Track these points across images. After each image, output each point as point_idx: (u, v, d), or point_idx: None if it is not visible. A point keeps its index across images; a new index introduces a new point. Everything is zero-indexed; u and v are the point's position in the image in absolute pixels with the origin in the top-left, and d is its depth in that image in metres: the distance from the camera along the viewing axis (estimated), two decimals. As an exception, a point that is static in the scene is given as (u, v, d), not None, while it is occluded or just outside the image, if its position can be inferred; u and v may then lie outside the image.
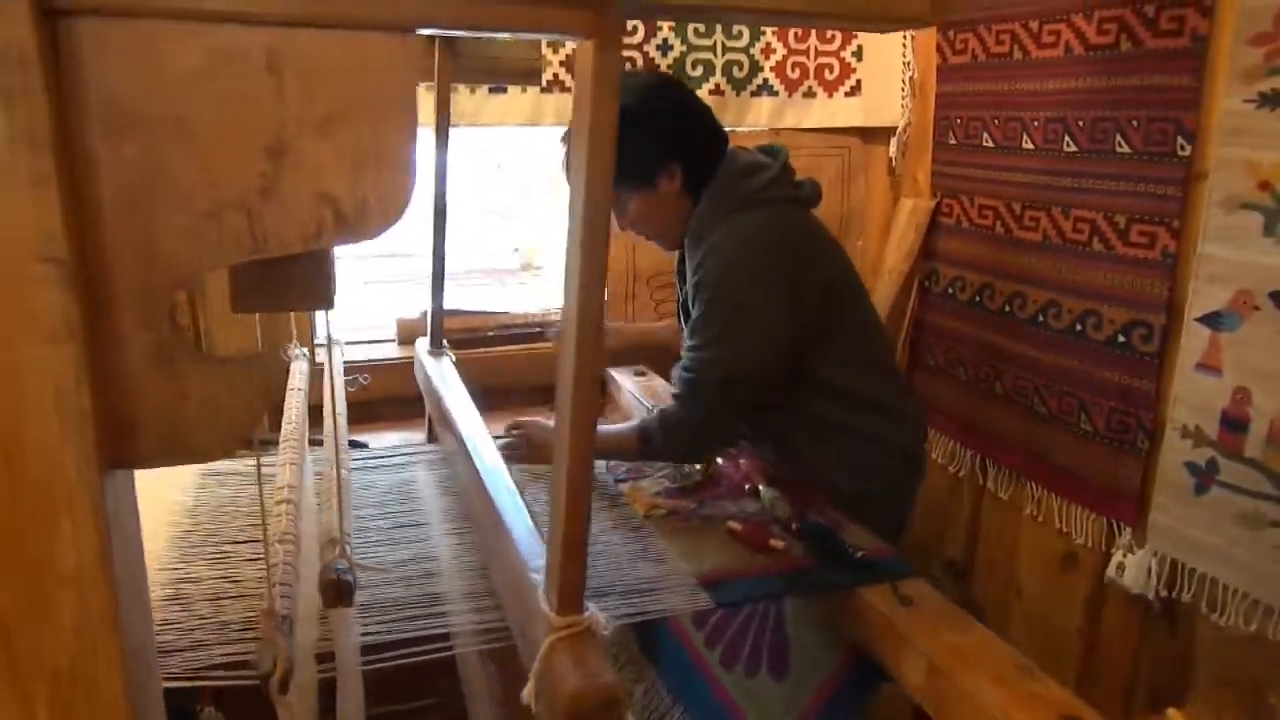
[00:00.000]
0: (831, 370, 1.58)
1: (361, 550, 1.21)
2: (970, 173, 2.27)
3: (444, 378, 1.68)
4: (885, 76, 2.39)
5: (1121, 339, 1.87)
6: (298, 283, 0.73)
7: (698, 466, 1.58)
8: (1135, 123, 1.80)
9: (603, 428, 1.65)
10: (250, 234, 0.59)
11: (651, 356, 2.22)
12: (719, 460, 1.59)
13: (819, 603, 1.28)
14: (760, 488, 1.46)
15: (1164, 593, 1.79)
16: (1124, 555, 1.89)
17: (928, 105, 2.39)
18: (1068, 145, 1.96)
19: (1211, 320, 1.66)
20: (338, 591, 0.80)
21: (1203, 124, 1.68)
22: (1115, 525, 1.93)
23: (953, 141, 2.32)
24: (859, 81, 2.37)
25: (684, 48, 2.21)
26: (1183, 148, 1.71)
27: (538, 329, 2.42)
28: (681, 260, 1.69)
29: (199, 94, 0.56)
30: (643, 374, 2.17)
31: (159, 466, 0.61)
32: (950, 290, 2.36)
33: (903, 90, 2.40)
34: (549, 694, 0.80)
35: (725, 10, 0.63)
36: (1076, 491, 2.01)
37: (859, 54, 2.35)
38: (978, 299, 2.26)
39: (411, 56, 0.61)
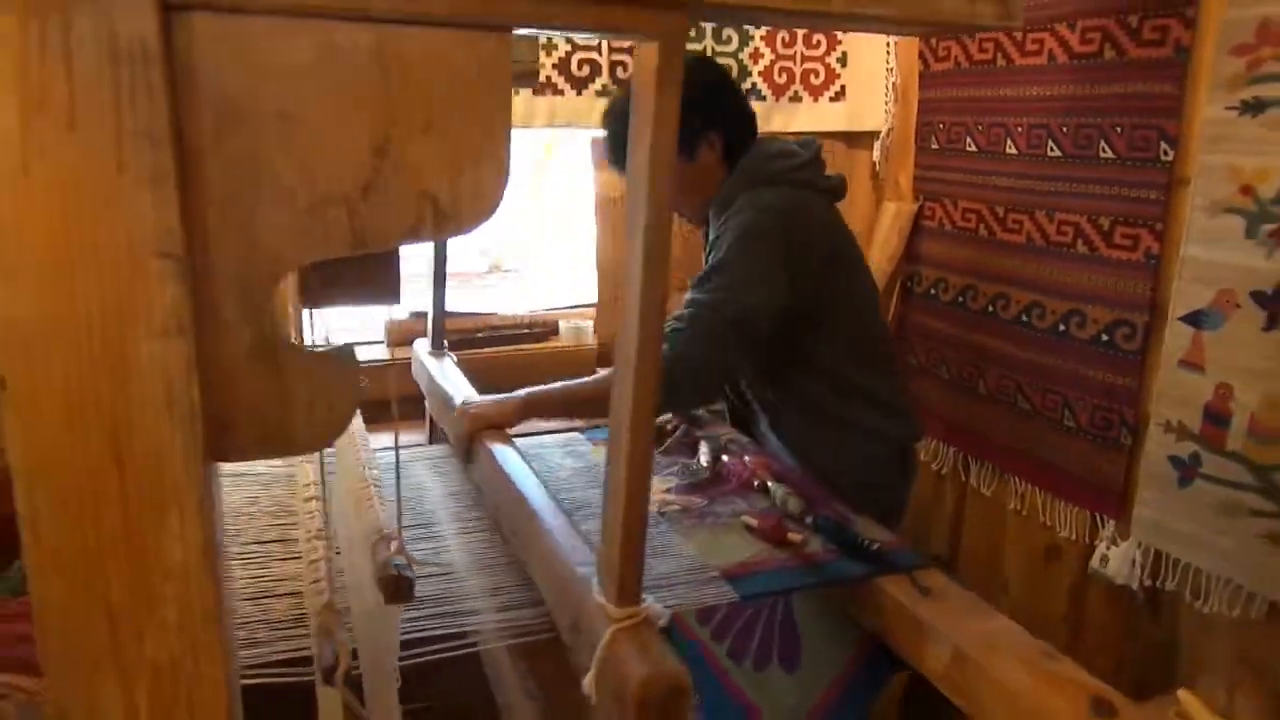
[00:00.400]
0: (831, 357, 1.64)
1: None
2: (953, 177, 2.32)
3: (448, 377, 1.68)
4: (869, 82, 2.44)
5: (1105, 338, 1.93)
6: (367, 279, 0.74)
7: (704, 464, 1.60)
8: (1119, 129, 1.86)
9: (598, 376, 1.69)
10: (350, 230, 0.60)
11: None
12: (725, 459, 1.61)
13: (834, 595, 1.30)
14: (769, 483, 1.48)
15: (1148, 582, 1.85)
16: (1108, 547, 1.95)
17: (910, 110, 2.44)
18: (1051, 150, 2.01)
19: (1194, 319, 1.72)
20: (398, 587, 0.80)
21: (1185, 131, 1.75)
22: (1098, 518, 1.98)
23: (935, 146, 2.38)
24: (843, 87, 2.41)
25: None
26: (1166, 153, 1.77)
27: (525, 330, 2.42)
28: (706, 235, 1.75)
29: (306, 90, 0.57)
30: None
31: (255, 459, 0.61)
32: (933, 291, 2.41)
33: (886, 96, 2.45)
34: (615, 684, 0.81)
35: (794, 14, 0.65)
36: (1060, 486, 2.07)
37: (844, 60, 2.40)
38: (960, 300, 2.31)
39: (508, 55, 0.62)
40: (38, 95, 0.49)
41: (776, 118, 2.36)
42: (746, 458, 1.61)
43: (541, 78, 2.10)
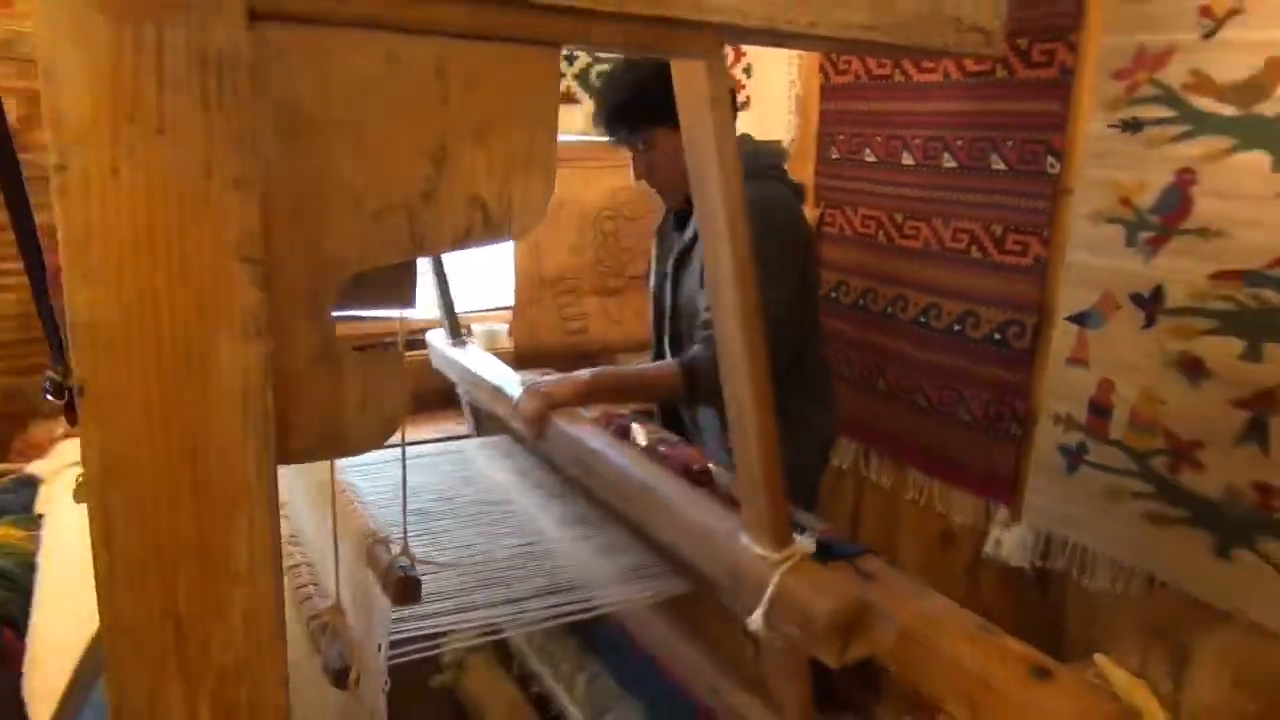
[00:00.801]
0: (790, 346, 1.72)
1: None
2: (853, 185, 2.44)
3: (489, 365, 1.66)
4: (773, 94, 2.53)
5: (997, 336, 2.07)
6: (387, 285, 0.76)
7: (642, 443, 1.64)
8: (1009, 143, 2.01)
9: (639, 366, 1.79)
10: (409, 235, 0.61)
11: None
12: (661, 449, 1.66)
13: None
14: (712, 467, 1.54)
15: (1039, 563, 2.00)
16: (1000, 531, 2.09)
17: (811, 121, 2.55)
18: (947, 161, 2.15)
19: (1079, 319, 1.88)
20: (406, 589, 0.81)
21: (1069, 146, 1.90)
22: (991, 505, 2.13)
23: (836, 156, 2.49)
24: (748, 97, 2.50)
25: (589, 58, 2.27)
26: (1052, 166, 1.93)
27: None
28: (678, 216, 1.83)
29: (372, 100, 0.58)
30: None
31: (314, 460, 0.62)
32: (834, 294, 2.53)
33: (789, 107, 2.55)
34: (802, 617, 0.91)
35: (813, 38, 0.70)
36: (955, 476, 2.21)
37: (749, 71, 2.48)
38: (861, 302, 2.44)
39: (556, 71, 0.65)
40: (129, 99, 0.49)
41: (686, 125, 2.43)
42: (678, 449, 1.66)
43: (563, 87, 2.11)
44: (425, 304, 2.65)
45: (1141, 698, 1.10)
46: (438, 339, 1.88)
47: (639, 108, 1.62)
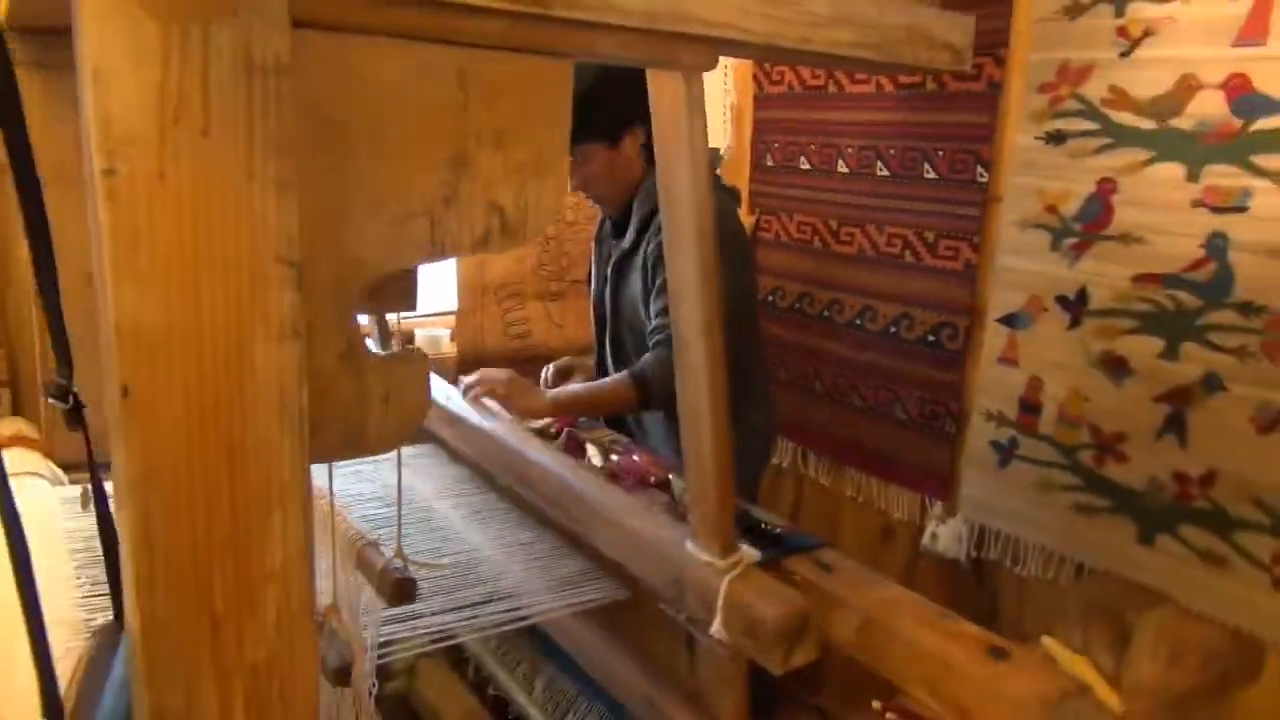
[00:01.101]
0: (733, 347, 1.77)
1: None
2: (788, 192, 2.51)
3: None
4: (707, 102, 2.58)
5: (931, 338, 2.16)
6: (390, 288, 0.77)
7: (597, 464, 1.67)
8: (940, 152, 2.09)
9: (593, 384, 1.82)
10: (431, 239, 0.63)
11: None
12: (614, 458, 1.68)
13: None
14: (671, 477, 1.57)
15: (973, 554, 2.09)
16: (936, 525, 2.18)
17: (746, 130, 2.61)
18: (880, 170, 2.23)
19: (1009, 321, 1.97)
20: (401, 590, 0.82)
21: (997, 156, 2.00)
22: (927, 500, 2.22)
23: (770, 164, 2.56)
24: (686, 105, 2.55)
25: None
26: (981, 175, 2.02)
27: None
28: (615, 224, 1.86)
29: (397, 106, 0.60)
30: None
31: (337, 460, 0.63)
32: (770, 299, 2.59)
33: (724, 115, 2.61)
34: (747, 623, 0.95)
35: (804, 53, 0.74)
36: (892, 473, 2.29)
37: (687, 79, 2.53)
38: (797, 306, 2.50)
39: (569, 79, 0.67)
40: (175, 102, 0.50)
41: (625, 132, 2.46)
42: (635, 456, 1.69)
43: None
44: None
45: (1086, 675, 1.17)
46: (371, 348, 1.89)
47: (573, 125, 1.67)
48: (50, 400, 0.64)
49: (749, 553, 1.07)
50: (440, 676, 1.75)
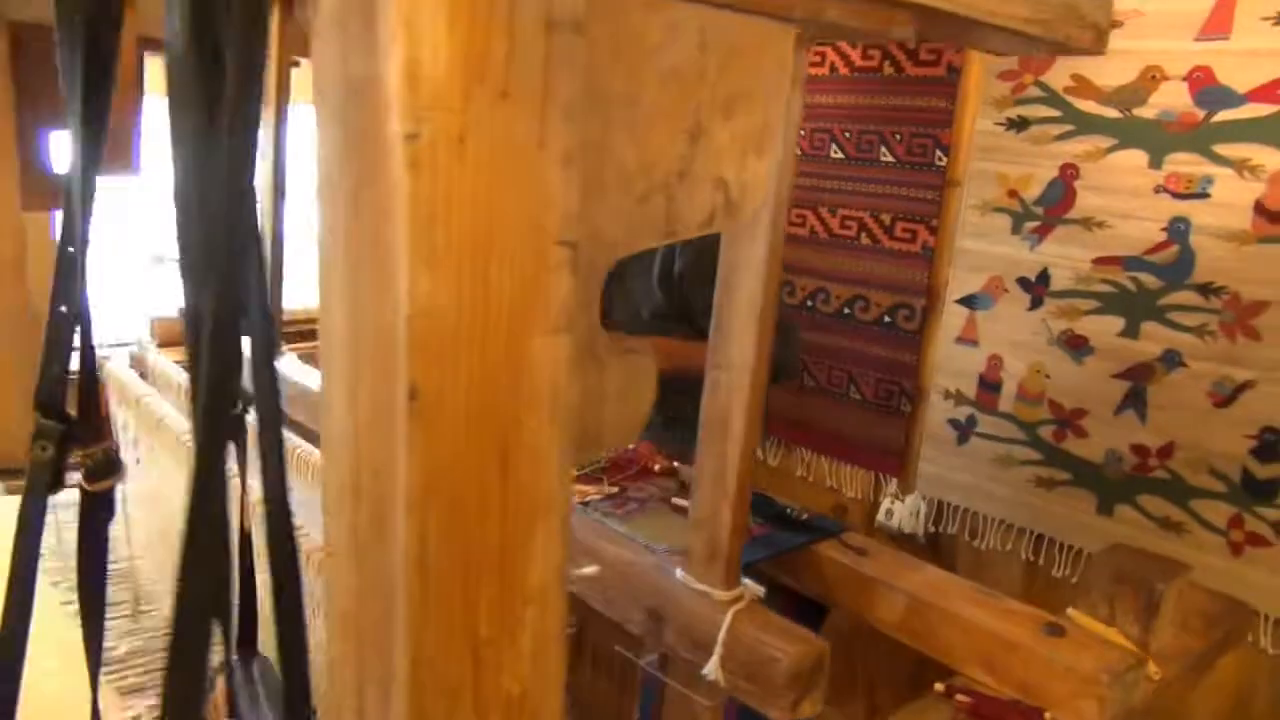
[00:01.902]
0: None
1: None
2: (735, 173, 2.50)
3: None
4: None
5: (887, 319, 2.20)
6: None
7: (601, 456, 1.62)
8: (898, 136, 2.13)
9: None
10: (665, 217, 0.58)
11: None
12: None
13: (773, 565, 1.39)
14: (675, 465, 1.53)
15: (931, 529, 2.15)
16: (891, 502, 2.23)
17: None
18: (834, 153, 2.25)
19: (969, 301, 2.03)
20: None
21: (956, 140, 2.04)
22: (881, 478, 2.26)
23: (715, 144, 2.54)
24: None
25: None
26: (940, 159, 2.06)
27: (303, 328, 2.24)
28: None
29: (648, 72, 0.54)
30: None
31: (575, 462, 0.57)
32: (715, 280, 2.58)
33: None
34: (753, 664, 0.83)
35: (986, 26, 0.72)
36: (845, 452, 2.33)
37: (632, 56, 2.48)
38: (744, 287, 2.50)
39: (791, 50, 0.62)
40: (480, 59, 0.43)
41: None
42: (631, 445, 1.64)
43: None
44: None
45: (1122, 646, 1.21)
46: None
47: None
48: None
49: (753, 586, 0.92)
50: None
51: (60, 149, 1.26)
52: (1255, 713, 1.74)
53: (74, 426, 0.49)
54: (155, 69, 1.25)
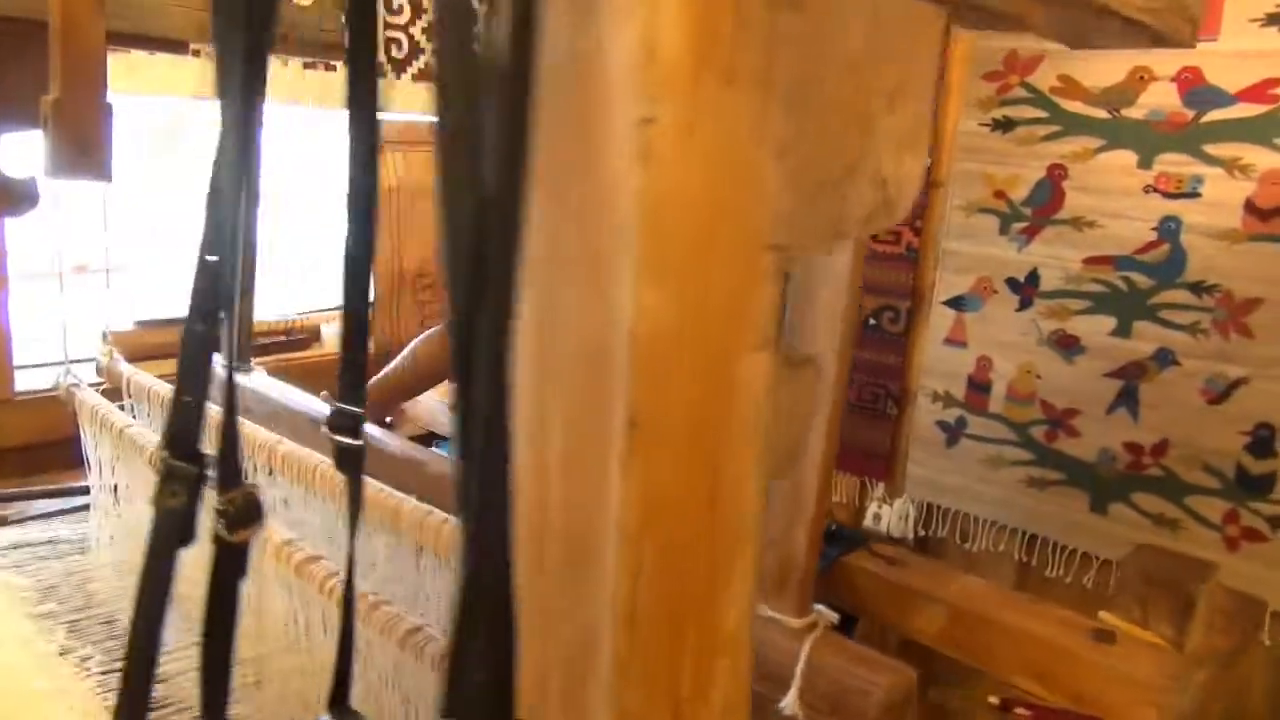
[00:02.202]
0: None
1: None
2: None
3: (293, 394, 1.44)
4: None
5: (873, 322, 2.18)
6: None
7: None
8: (881, 138, 2.11)
9: None
10: (829, 219, 0.53)
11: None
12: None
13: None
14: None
15: (921, 532, 2.14)
16: (879, 506, 2.21)
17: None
18: (814, 155, 2.23)
19: (956, 303, 2.03)
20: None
21: (938, 140, 2.04)
22: (868, 482, 2.25)
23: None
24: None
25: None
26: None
27: (283, 338, 2.14)
28: None
29: (830, 56, 0.49)
30: None
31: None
32: (690, 285, 2.54)
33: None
34: (838, 695, 0.79)
35: (1107, 13, 0.69)
36: (829, 457, 2.30)
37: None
38: (721, 292, 2.47)
39: (939, 44, 0.58)
40: (709, 40, 0.38)
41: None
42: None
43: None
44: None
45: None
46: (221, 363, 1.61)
47: None
48: (331, 434, 0.48)
49: (826, 613, 0.90)
50: None
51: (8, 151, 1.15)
52: (1252, 704, 1.76)
53: (207, 467, 0.42)
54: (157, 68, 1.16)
